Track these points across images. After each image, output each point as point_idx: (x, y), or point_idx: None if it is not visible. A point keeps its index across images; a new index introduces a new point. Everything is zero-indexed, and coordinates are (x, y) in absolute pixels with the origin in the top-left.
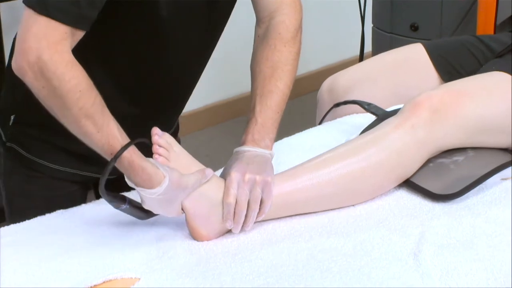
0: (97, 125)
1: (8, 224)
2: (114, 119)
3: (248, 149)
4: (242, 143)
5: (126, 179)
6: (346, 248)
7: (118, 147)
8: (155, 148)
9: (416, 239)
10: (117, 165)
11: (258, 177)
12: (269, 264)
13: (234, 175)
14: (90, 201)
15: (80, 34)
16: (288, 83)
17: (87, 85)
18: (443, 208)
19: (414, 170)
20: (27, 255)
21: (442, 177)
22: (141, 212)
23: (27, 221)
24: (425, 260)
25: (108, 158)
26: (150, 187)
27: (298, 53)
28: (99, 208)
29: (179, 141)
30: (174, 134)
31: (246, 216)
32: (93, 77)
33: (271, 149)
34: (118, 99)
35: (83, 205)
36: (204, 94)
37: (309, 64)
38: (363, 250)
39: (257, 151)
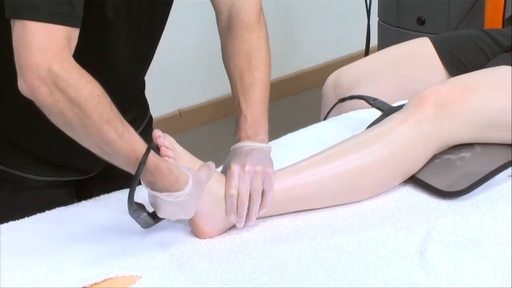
0: (118, 131)
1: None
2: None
3: (245, 144)
4: (237, 141)
5: (147, 187)
6: (351, 246)
7: (143, 151)
8: (163, 150)
9: (422, 236)
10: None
11: (258, 168)
12: (273, 262)
13: (234, 167)
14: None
15: (75, 37)
16: (265, 71)
17: (101, 90)
18: (449, 205)
19: (420, 166)
20: (26, 254)
21: (449, 174)
22: (151, 220)
23: (26, 218)
24: (432, 258)
25: (133, 165)
26: (178, 189)
27: (267, 37)
28: (99, 206)
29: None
30: (148, 128)
31: (248, 209)
32: None
33: (267, 142)
34: None
35: (83, 202)
36: (205, 88)
37: (314, 59)
38: (368, 248)
39: (254, 145)
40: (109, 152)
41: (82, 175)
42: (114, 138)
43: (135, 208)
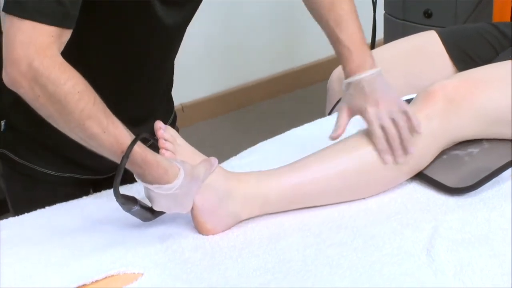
0: (102, 125)
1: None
2: (116, 118)
3: (361, 77)
4: (349, 74)
5: (138, 179)
6: (357, 243)
7: (128, 144)
8: (161, 142)
9: (429, 234)
10: (129, 164)
11: (390, 99)
12: (277, 259)
13: (370, 109)
14: None
15: (67, 34)
16: (350, 4)
17: (84, 86)
18: (457, 201)
19: (427, 162)
20: (26, 249)
21: (457, 170)
22: (149, 214)
23: (26, 214)
24: (439, 255)
25: (119, 158)
26: (167, 181)
27: None
28: (101, 202)
29: (177, 131)
30: (172, 124)
31: (401, 139)
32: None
33: (375, 65)
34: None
35: (84, 197)
36: (209, 83)
37: (319, 52)
38: (374, 245)
39: (368, 74)
40: (94, 145)
41: (98, 175)
42: (98, 133)
43: (123, 201)
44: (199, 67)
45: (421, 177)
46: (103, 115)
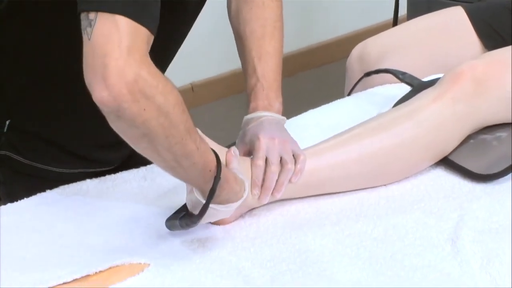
0: (196, 141)
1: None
2: None
3: (264, 114)
4: (254, 109)
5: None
6: (377, 232)
7: (214, 161)
8: None
9: (454, 223)
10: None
11: (287, 139)
12: (292, 249)
13: (263, 138)
14: None
15: (151, 42)
16: (282, 40)
17: (181, 97)
18: (484, 189)
19: (453, 147)
20: (26, 238)
21: (484, 155)
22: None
23: (25, 199)
24: (464, 246)
25: (208, 178)
26: (239, 198)
27: (282, 5)
28: (105, 187)
29: None
30: None
31: (277, 180)
32: None
33: (281, 113)
34: None
35: (87, 180)
36: (221, 61)
37: (338, 29)
38: (395, 235)
39: (273, 116)
40: (185, 165)
41: (105, 166)
42: (194, 149)
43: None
44: (210, 44)
45: (446, 162)
46: (195, 129)
